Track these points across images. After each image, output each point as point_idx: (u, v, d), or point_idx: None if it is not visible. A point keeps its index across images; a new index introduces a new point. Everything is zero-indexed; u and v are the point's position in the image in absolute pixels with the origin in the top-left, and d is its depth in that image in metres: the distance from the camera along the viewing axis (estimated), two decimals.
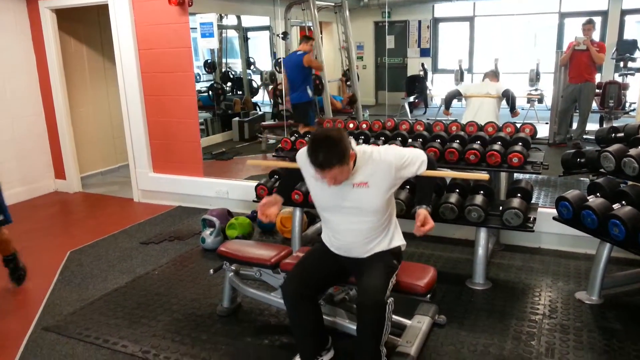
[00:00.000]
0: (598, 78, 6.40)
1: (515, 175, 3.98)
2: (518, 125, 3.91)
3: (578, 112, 6.38)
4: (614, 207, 2.95)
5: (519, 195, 3.31)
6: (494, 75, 5.20)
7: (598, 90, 6.30)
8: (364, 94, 8.04)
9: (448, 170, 3.51)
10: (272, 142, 7.20)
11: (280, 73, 7.57)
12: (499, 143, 3.56)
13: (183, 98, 5.05)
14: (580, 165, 3.51)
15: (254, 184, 4.04)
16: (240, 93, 8.93)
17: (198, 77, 8.10)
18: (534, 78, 7.51)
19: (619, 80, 6.45)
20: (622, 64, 6.58)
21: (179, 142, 5.19)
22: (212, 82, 8.45)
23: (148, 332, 2.91)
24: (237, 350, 2.70)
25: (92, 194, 5.86)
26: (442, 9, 8.71)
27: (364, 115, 7.51)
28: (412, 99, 8.47)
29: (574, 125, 6.52)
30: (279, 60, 7.50)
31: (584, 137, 6.24)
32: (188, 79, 5.03)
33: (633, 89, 6.48)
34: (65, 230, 4.76)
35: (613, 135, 3.43)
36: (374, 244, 2.41)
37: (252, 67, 9.16)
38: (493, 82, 5.08)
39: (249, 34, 9.04)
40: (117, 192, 5.87)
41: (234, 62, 9.27)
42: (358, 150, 2.31)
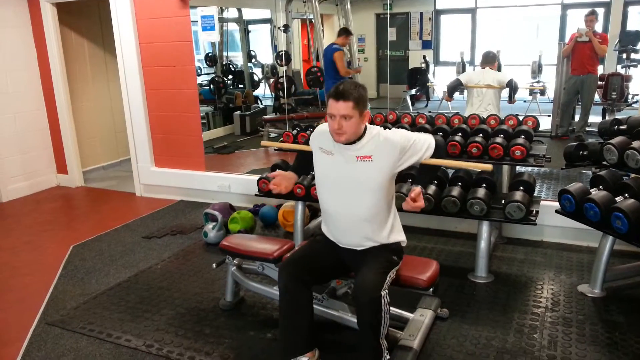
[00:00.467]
0: (600, 70, 6.38)
1: (518, 168, 3.98)
2: (520, 118, 3.91)
3: (580, 104, 6.36)
4: (617, 199, 2.94)
5: (522, 188, 3.31)
6: (492, 61, 5.00)
7: (600, 82, 6.28)
8: None
9: (451, 160, 3.50)
10: (273, 135, 7.19)
11: (282, 66, 7.56)
12: (502, 136, 3.54)
13: (184, 92, 5.04)
14: (583, 158, 3.50)
15: (256, 178, 4.03)
16: (242, 86, 8.92)
17: (199, 70, 8.09)
18: (536, 70, 7.48)
19: (622, 72, 6.41)
20: (625, 56, 6.53)
21: (181, 136, 5.18)
22: (213, 75, 8.44)
23: (151, 326, 2.92)
24: (240, 344, 2.71)
25: (94, 189, 5.87)
26: (443, 1, 8.68)
27: None
28: (414, 92, 8.45)
29: (577, 118, 6.51)
30: (280, 53, 7.49)
31: (587, 129, 6.23)
32: (189, 73, 5.02)
33: (636, 81, 6.47)
34: (68, 225, 4.77)
35: (616, 128, 3.41)
36: (372, 232, 2.37)
37: (253, 60, 9.14)
38: (493, 70, 4.95)
39: (250, 27, 9.03)
40: (119, 186, 5.87)
41: (235, 55, 9.26)
42: (368, 126, 2.36)
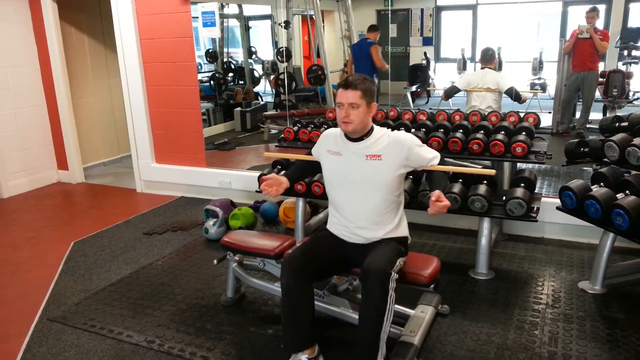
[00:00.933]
0: (602, 67, 6.36)
1: (519, 165, 3.98)
2: (522, 115, 3.90)
3: (581, 101, 6.35)
4: (618, 196, 2.95)
5: (523, 185, 3.31)
6: (492, 59, 4.88)
7: (602, 79, 6.27)
8: None
9: (456, 166, 3.49)
10: (274, 132, 7.19)
11: (282, 62, 7.54)
12: (503, 132, 3.54)
13: (185, 88, 5.03)
14: (584, 155, 3.50)
15: (257, 174, 4.04)
16: (242, 83, 8.91)
17: (200, 66, 8.08)
18: (537, 67, 7.47)
19: (623, 69, 6.40)
20: (626, 53, 6.53)
21: (181, 132, 5.18)
22: (213, 71, 8.42)
23: (152, 322, 2.92)
24: (241, 340, 2.72)
25: (94, 185, 5.87)
26: None
27: None
28: (414, 89, 8.44)
29: (577, 115, 6.50)
30: (281, 50, 7.47)
31: (588, 126, 6.21)
32: (190, 69, 5.01)
33: (637, 78, 6.46)
34: (69, 221, 4.77)
35: (617, 125, 3.41)
36: (380, 228, 2.41)
37: (253, 56, 9.13)
38: (491, 70, 4.82)
39: (251, 23, 9.01)
40: (119, 182, 5.87)
41: (236, 51, 9.24)
42: (375, 126, 2.42)
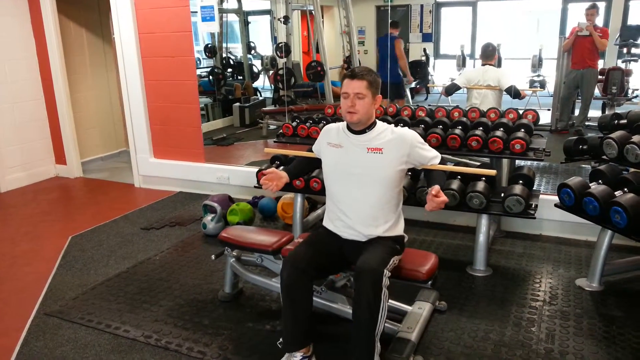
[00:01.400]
0: (601, 64, 6.36)
1: (517, 162, 3.97)
2: (521, 112, 3.90)
3: (580, 98, 6.35)
4: (616, 194, 2.94)
5: (521, 182, 3.31)
6: (492, 56, 4.86)
7: (601, 77, 6.27)
8: None
9: (456, 165, 3.50)
10: (272, 127, 7.17)
11: (281, 58, 7.53)
12: (502, 129, 3.53)
13: (184, 83, 5.02)
14: (583, 152, 3.50)
15: (255, 170, 4.03)
16: (241, 78, 8.89)
17: (198, 61, 8.05)
18: (537, 64, 7.47)
19: (622, 67, 6.40)
20: (625, 50, 6.52)
21: (180, 127, 5.17)
22: (212, 67, 8.40)
23: (150, 317, 2.92)
24: (238, 335, 2.72)
25: (92, 179, 5.86)
26: None
27: None
28: (413, 85, 8.42)
29: (576, 112, 6.50)
30: (280, 45, 7.46)
31: (586, 123, 6.22)
32: (189, 64, 5.00)
33: (636, 75, 6.46)
34: (67, 216, 4.76)
35: (616, 122, 3.41)
36: (378, 224, 2.41)
37: (252, 51, 9.10)
38: (492, 67, 4.81)
39: (250, 18, 8.97)
40: (117, 177, 5.86)
41: (235, 46, 9.22)
42: (378, 121, 2.44)
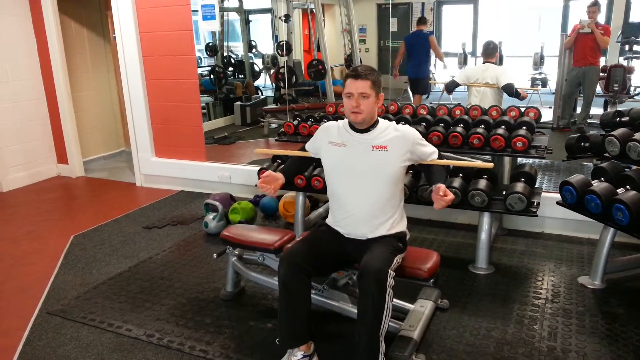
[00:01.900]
0: (603, 61, 6.34)
1: (519, 160, 3.97)
2: (522, 109, 3.89)
3: (582, 96, 6.33)
4: (618, 191, 2.94)
5: (523, 180, 3.30)
6: (493, 53, 4.81)
7: (603, 74, 6.25)
8: None
9: (453, 160, 3.49)
10: (274, 126, 7.18)
11: (282, 56, 7.53)
12: (503, 127, 3.52)
13: (185, 82, 5.02)
14: (585, 150, 3.49)
15: (257, 169, 4.03)
16: (242, 77, 8.88)
17: (199, 60, 8.04)
18: (538, 62, 7.44)
19: (624, 64, 6.39)
20: (627, 48, 6.50)
21: (181, 126, 5.17)
22: (213, 65, 8.40)
23: (152, 316, 2.93)
24: (240, 334, 2.72)
25: (94, 179, 5.86)
26: None
27: None
28: None
29: (578, 110, 6.49)
30: (281, 44, 7.45)
31: (588, 121, 6.21)
32: (190, 63, 4.99)
33: (638, 73, 6.43)
34: (69, 215, 4.77)
35: (618, 120, 3.41)
36: (380, 222, 2.41)
37: (254, 50, 9.10)
38: (492, 65, 4.76)
39: (251, 17, 8.96)
40: (119, 176, 5.87)
41: (236, 45, 9.21)
42: (379, 119, 2.45)
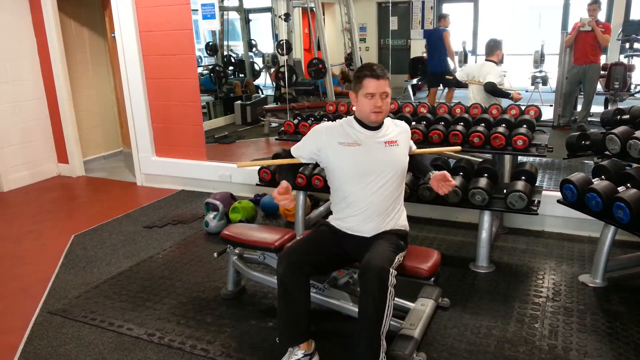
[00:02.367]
0: (603, 59, 6.33)
1: (520, 158, 3.96)
2: (523, 108, 3.89)
3: (583, 94, 6.33)
4: (619, 189, 2.93)
5: (523, 178, 3.30)
6: (491, 51, 4.72)
7: (603, 72, 6.24)
8: None
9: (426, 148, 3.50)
10: (274, 125, 7.17)
11: (283, 55, 7.52)
12: (504, 125, 3.53)
13: (185, 81, 5.02)
14: (585, 148, 3.49)
15: (257, 168, 4.02)
16: (242, 76, 8.88)
17: (199, 59, 8.04)
18: (539, 60, 7.43)
19: (625, 62, 6.38)
20: (627, 45, 6.49)
21: (182, 125, 5.17)
22: (213, 64, 8.40)
23: (153, 315, 2.93)
24: (241, 333, 2.72)
25: (95, 178, 5.86)
26: None
27: None
28: (415, 82, 8.41)
29: (579, 108, 6.48)
30: (281, 42, 7.45)
31: (589, 119, 6.20)
32: (190, 62, 4.99)
33: (639, 71, 6.42)
34: (69, 214, 4.77)
35: (618, 117, 3.41)
36: (389, 216, 2.46)
37: (254, 49, 9.09)
38: (488, 63, 4.69)
39: (251, 16, 8.95)
40: (119, 176, 5.87)
41: (236, 44, 9.20)
42: None
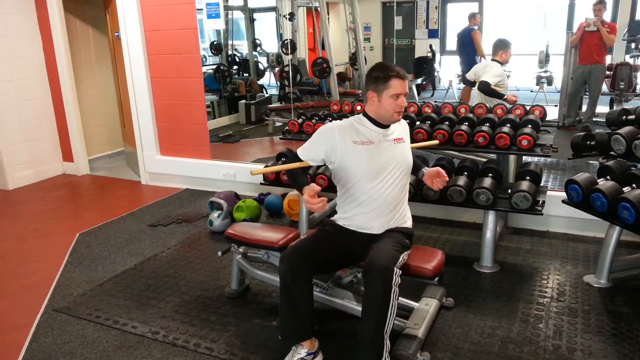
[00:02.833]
0: (609, 60, 6.32)
1: (524, 158, 3.96)
2: (528, 108, 3.88)
3: (588, 94, 6.31)
4: (624, 190, 2.92)
5: (528, 178, 3.29)
6: (494, 51, 4.66)
7: (608, 72, 6.23)
8: None
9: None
10: (278, 124, 7.18)
11: (287, 55, 7.53)
12: (508, 125, 3.52)
13: (189, 80, 5.03)
14: (590, 148, 3.48)
15: (262, 166, 4.03)
16: (247, 75, 8.89)
17: (204, 59, 8.06)
18: (544, 60, 7.42)
19: (630, 62, 6.36)
20: (633, 46, 6.48)
21: (186, 124, 5.18)
22: (218, 64, 8.41)
23: (157, 313, 2.94)
24: (245, 331, 2.72)
25: (99, 177, 5.88)
26: None
27: None
28: (419, 81, 8.40)
29: (584, 108, 6.47)
30: (285, 42, 7.45)
31: (594, 119, 6.19)
32: (194, 61, 5.00)
33: None
34: (74, 213, 4.79)
35: (624, 118, 3.39)
36: (398, 213, 2.49)
37: (258, 48, 9.10)
38: (492, 62, 4.66)
39: (255, 15, 8.97)
40: (124, 174, 5.89)
41: (240, 43, 9.21)
42: None
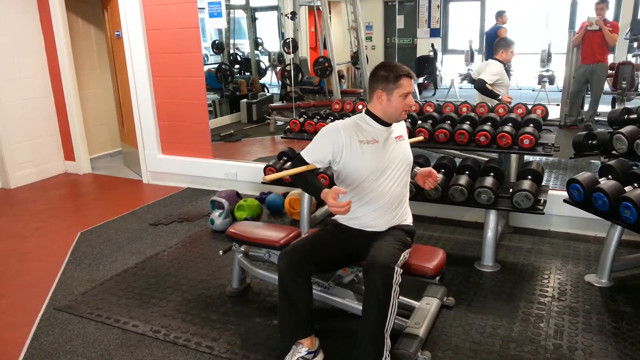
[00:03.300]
0: (611, 59, 6.31)
1: (526, 157, 3.95)
2: (529, 107, 3.88)
3: (590, 93, 6.30)
4: (626, 189, 2.92)
5: (530, 178, 3.29)
6: (495, 50, 4.60)
7: (610, 71, 6.21)
8: None
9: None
10: (280, 123, 7.18)
11: (289, 54, 7.53)
12: (510, 124, 3.51)
13: (191, 79, 5.03)
14: (592, 147, 3.47)
15: (263, 166, 4.04)
16: (249, 74, 8.89)
17: (206, 58, 8.05)
18: (546, 59, 7.40)
19: (633, 61, 6.34)
20: (635, 45, 6.45)
21: (188, 123, 5.18)
22: (220, 63, 8.41)
23: (158, 312, 2.94)
24: (246, 330, 2.73)
25: (101, 176, 5.89)
26: None
27: None
28: (421, 80, 8.39)
29: (586, 107, 6.45)
30: (287, 41, 7.45)
31: (596, 118, 6.18)
32: (196, 60, 5.00)
33: None
34: (76, 212, 4.79)
35: (626, 117, 3.39)
36: (401, 210, 2.50)
37: (260, 47, 9.10)
38: (491, 61, 4.59)
39: (257, 14, 8.97)
40: (126, 173, 5.89)
41: (242, 42, 9.21)
42: None
